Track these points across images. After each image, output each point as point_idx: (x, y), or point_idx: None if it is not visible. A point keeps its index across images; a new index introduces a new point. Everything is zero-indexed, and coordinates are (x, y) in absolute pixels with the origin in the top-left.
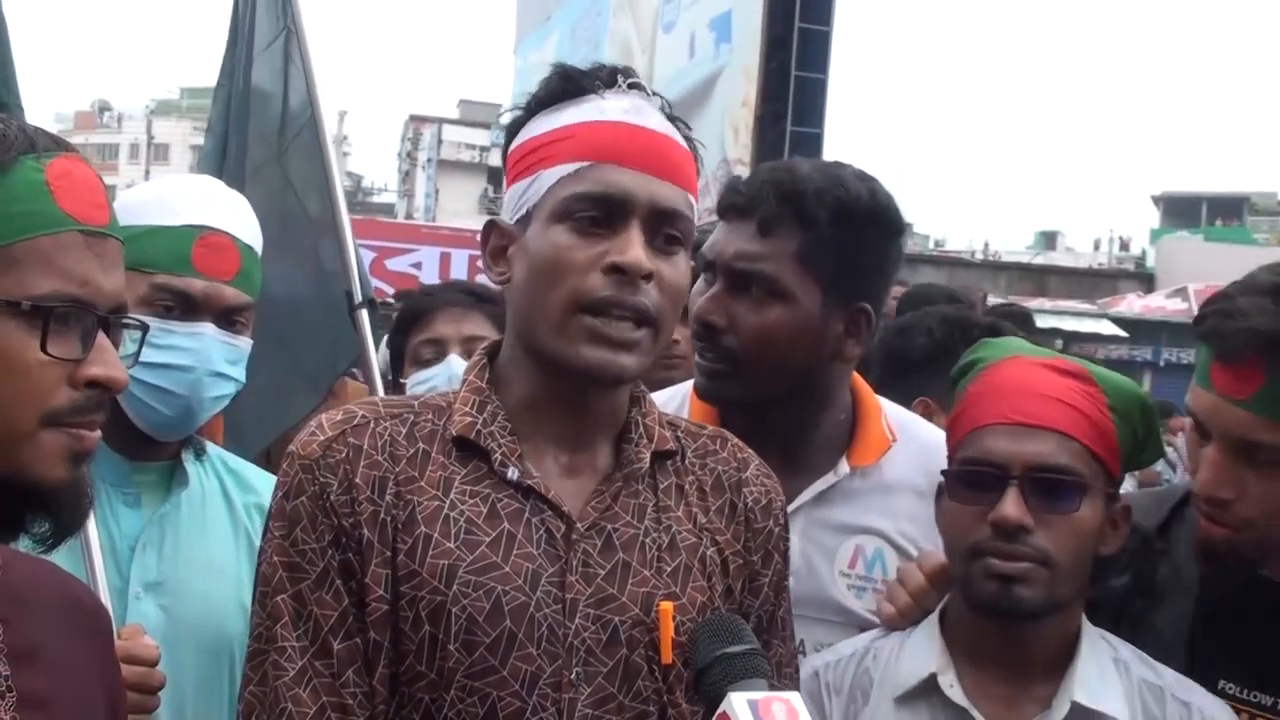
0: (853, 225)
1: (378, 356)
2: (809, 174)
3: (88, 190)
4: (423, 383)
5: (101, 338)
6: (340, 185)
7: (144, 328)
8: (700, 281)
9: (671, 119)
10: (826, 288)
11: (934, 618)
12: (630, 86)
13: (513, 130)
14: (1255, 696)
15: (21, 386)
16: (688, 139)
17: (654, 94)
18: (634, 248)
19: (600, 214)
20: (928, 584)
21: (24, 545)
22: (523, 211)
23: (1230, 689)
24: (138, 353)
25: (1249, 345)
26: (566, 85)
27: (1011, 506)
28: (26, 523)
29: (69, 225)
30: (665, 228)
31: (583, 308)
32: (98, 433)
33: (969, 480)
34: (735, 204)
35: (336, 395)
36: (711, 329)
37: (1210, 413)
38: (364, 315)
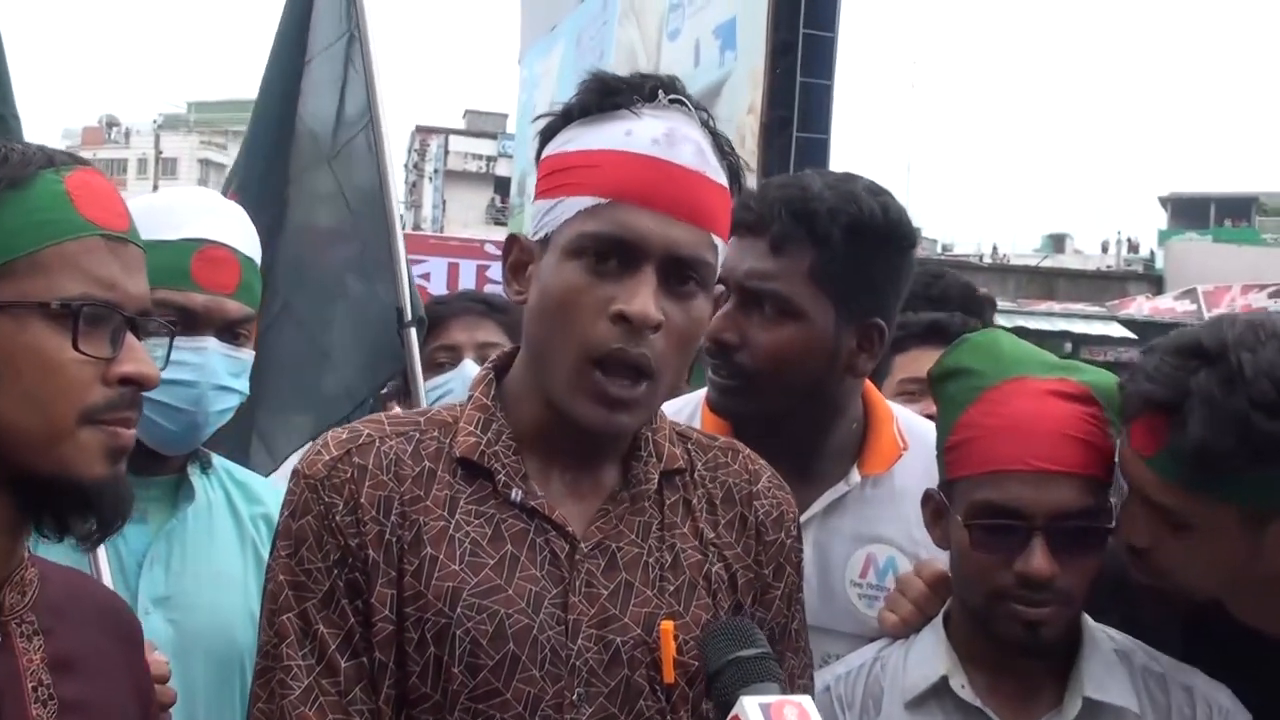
0: (865, 242)
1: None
2: (821, 191)
3: (106, 198)
4: (437, 388)
5: (131, 337)
6: (395, 202)
7: (171, 333)
8: None
9: (712, 133)
10: (839, 305)
11: (938, 621)
12: (672, 102)
13: (547, 135)
14: None
15: (58, 386)
16: (726, 156)
17: (698, 110)
18: (642, 297)
19: (614, 256)
20: (930, 592)
21: (58, 553)
22: (542, 234)
23: None
24: (167, 356)
25: (1139, 407)
26: (603, 99)
27: (1040, 561)
28: (70, 524)
29: (91, 230)
30: (682, 272)
31: (590, 360)
32: (133, 430)
33: (991, 529)
34: (746, 221)
35: None
36: (724, 346)
37: (1124, 462)
38: (412, 334)
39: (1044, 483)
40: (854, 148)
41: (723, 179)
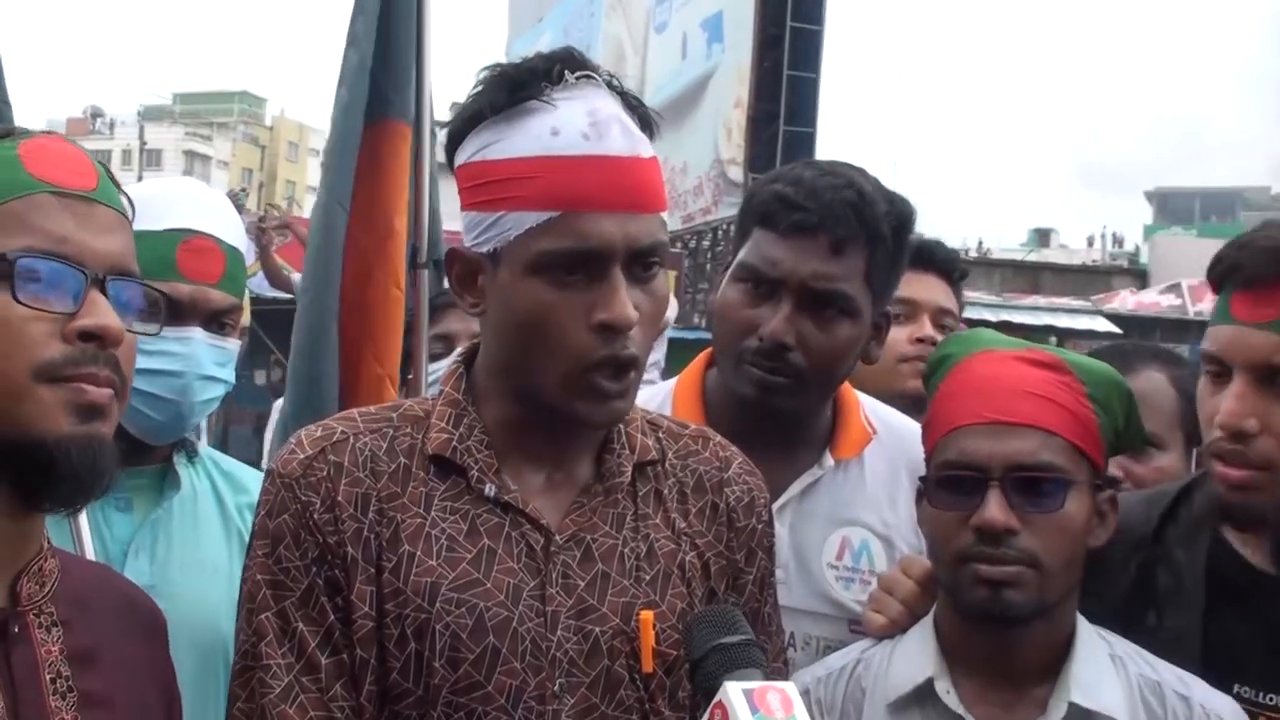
0: (902, 240)
1: None
2: (872, 192)
3: (63, 159)
4: (430, 375)
5: (95, 294)
6: (428, 140)
7: (163, 298)
8: (738, 290)
9: (620, 94)
10: (876, 299)
11: (928, 621)
12: (579, 78)
13: (456, 139)
14: (1272, 699)
15: (6, 343)
16: (637, 110)
17: (601, 74)
18: (619, 302)
19: (579, 267)
20: (918, 589)
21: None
22: (489, 248)
23: (1246, 693)
24: (160, 326)
25: (1251, 273)
26: (512, 94)
27: (995, 510)
28: (53, 491)
29: (40, 188)
30: (645, 261)
31: (583, 368)
32: (106, 390)
33: (949, 485)
34: (807, 223)
35: None
36: (784, 348)
37: (1231, 344)
38: (424, 275)
39: (1000, 434)
40: (840, 142)
41: (648, 148)
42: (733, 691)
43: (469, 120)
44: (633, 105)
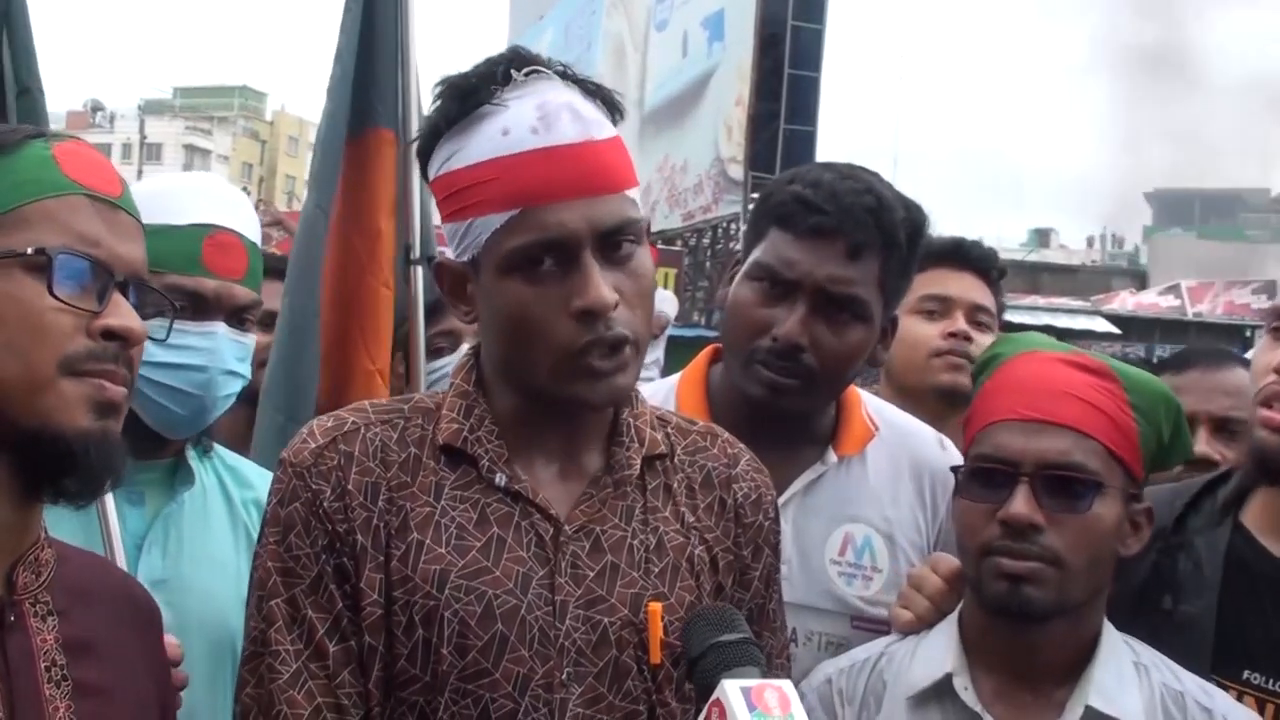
0: (916, 246)
1: None
2: (890, 198)
3: (94, 165)
4: (436, 371)
5: (118, 296)
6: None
7: (173, 306)
8: (752, 289)
9: (577, 82)
10: (887, 304)
11: (953, 618)
12: (528, 74)
13: (424, 155)
14: None
15: (37, 333)
16: (595, 94)
17: (552, 66)
18: (594, 286)
19: (548, 259)
20: (945, 586)
21: (69, 536)
22: (467, 256)
23: (1256, 679)
24: (169, 329)
25: None
26: (464, 103)
27: (1021, 504)
28: (61, 482)
29: (74, 189)
30: (615, 241)
31: (570, 356)
32: (123, 389)
33: (980, 477)
34: (824, 226)
35: None
36: (798, 349)
37: None
38: (418, 272)
39: (1033, 431)
40: (840, 140)
41: (607, 129)
42: (730, 689)
43: (430, 136)
44: (591, 91)
